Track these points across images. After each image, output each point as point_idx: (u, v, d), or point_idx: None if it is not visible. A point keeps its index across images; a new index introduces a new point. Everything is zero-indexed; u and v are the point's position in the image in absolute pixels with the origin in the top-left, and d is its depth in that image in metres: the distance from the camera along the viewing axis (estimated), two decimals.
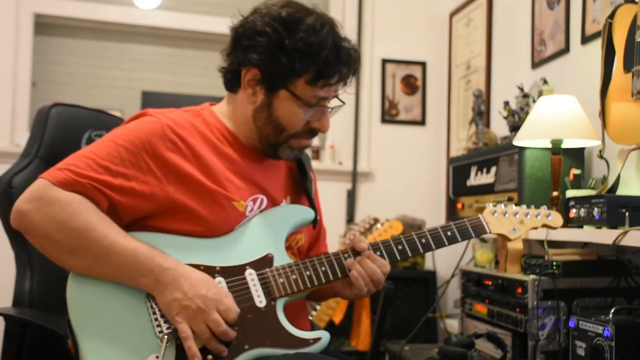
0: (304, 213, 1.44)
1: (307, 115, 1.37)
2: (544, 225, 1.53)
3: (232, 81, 1.42)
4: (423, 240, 1.41)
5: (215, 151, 1.36)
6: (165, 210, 1.29)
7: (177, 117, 1.35)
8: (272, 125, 1.38)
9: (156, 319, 1.23)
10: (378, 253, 1.38)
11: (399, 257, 1.40)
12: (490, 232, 1.48)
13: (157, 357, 1.19)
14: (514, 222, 1.50)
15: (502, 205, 1.52)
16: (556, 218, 1.53)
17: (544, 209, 1.54)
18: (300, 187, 1.53)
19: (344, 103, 1.44)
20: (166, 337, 1.21)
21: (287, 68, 1.32)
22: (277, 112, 1.37)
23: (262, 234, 1.36)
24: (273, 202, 1.42)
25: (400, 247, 1.40)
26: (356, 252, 1.38)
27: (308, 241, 1.53)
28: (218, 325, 1.21)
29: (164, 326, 1.22)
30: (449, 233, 1.43)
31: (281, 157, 1.43)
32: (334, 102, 1.42)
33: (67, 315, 1.23)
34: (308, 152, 3.41)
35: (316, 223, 1.51)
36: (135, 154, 1.27)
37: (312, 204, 1.51)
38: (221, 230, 1.33)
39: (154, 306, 1.24)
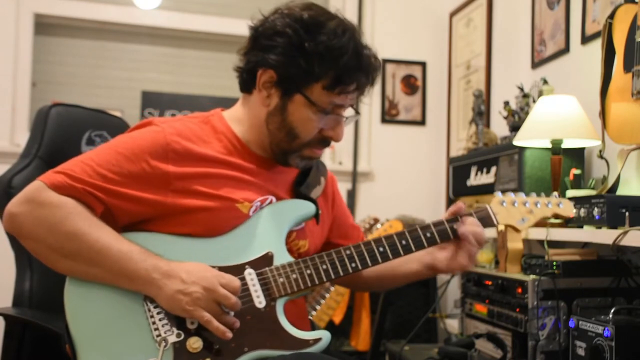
0: (305, 207, 1.40)
1: (321, 122, 1.34)
2: (555, 215, 1.48)
3: (247, 81, 1.39)
4: (428, 234, 1.38)
5: (221, 161, 1.34)
6: (163, 215, 1.28)
7: (182, 127, 1.33)
8: (285, 130, 1.35)
9: (154, 323, 1.22)
10: (381, 249, 1.35)
11: (402, 253, 1.37)
12: (497, 224, 1.44)
13: None
14: (522, 212, 1.45)
15: (512, 194, 1.47)
16: (567, 206, 1.48)
17: (554, 197, 1.48)
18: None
19: (359, 114, 1.40)
20: (164, 341, 1.20)
21: (304, 71, 1.30)
22: (291, 117, 1.34)
23: (262, 232, 1.33)
24: None
25: (404, 242, 1.37)
26: (358, 248, 1.35)
27: (314, 247, 1.48)
28: (227, 298, 1.20)
29: (162, 330, 1.22)
30: (454, 226, 1.39)
31: (291, 165, 1.40)
32: (348, 112, 1.39)
33: (65, 320, 1.22)
34: None
35: (318, 217, 1.45)
36: (135, 163, 1.26)
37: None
38: (221, 230, 1.32)
39: (152, 309, 1.23)
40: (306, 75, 1.30)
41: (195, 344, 1.21)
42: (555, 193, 1.51)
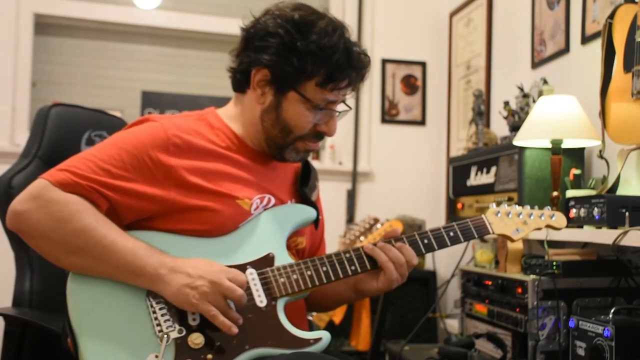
0: (306, 212, 1.43)
1: (315, 118, 1.38)
2: (548, 226, 1.51)
3: (240, 81, 1.41)
4: (425, 241, 1.40)
5: (220, 155, 1.35)
6: (167, 212, 1.29)
7: (180, 122, 1.35)
8: (279, 126, 1.37)
9: (156, 318, 1.23)
10: None
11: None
12: (493, 233, 1.46)
13: (156, 356, 1.19)
14: (517, 222, 1.48)
15: (505, 205, 1.50)
16: (560, 219, 1.51)
17: (547, 210, 1.52)
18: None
19: (350, 108, 1.44)
20: (165, 336, 1.21)
21: (298, 70, 1.32)
22: (285, 113, 1.36)
23: (264, 234, 1.35)
24: (280, 203, 1.42)
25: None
26: (357, 251, 1.37)
27: (309, 245, 1.52)
28: (234, 290, 1.21)
29: (164, 325, 1.22)
30: (451, 233, 1.41)
31: (287, 159, 1.43)
32: (340, 107, 1.42)
33: (67, 314, 1.23)
34: None
35: (318, 223, 1.50)
36: (137, 157, 1.27)
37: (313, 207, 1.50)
38: (225, 229, 1.33)
39: (154, 305, 1.23)
40: (299, 73, 1.33)
41: (196, 339, 1.21)
42: (548, 207, 1.54)
